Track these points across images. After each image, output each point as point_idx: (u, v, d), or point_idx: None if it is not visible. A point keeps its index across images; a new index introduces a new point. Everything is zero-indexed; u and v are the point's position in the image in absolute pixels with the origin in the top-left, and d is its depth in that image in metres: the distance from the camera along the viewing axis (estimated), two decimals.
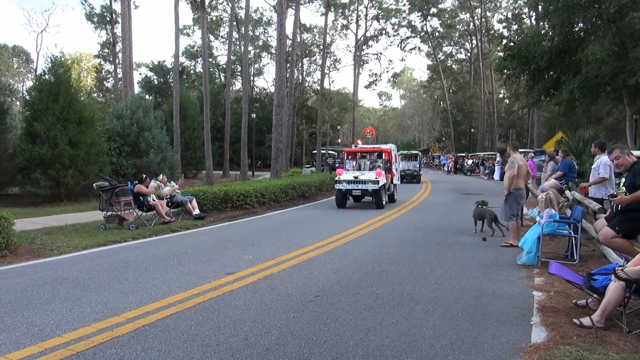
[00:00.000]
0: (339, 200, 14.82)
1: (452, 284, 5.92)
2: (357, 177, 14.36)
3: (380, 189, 14.24)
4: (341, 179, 14.59)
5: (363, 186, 14.24)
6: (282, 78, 23.76)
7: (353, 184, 14.33)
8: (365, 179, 14.28)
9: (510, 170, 8.41)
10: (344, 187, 14.44)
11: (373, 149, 17.00)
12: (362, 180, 14.26)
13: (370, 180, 14.15)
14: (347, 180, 14.45)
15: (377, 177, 14.18)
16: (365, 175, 14.59)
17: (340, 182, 14.57)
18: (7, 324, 4.42)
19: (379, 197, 14.34)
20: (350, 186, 14.37)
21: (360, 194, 14.62)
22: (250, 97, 45.10)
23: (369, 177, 14.30)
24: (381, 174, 14.42)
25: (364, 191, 14.40)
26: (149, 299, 5.18)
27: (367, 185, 14.15)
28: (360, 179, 14.28)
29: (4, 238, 7.44)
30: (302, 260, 7.32)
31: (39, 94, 16.31)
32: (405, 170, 27.90)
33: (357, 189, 14.34)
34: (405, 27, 58.56)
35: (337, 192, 14.81)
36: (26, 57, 67.34)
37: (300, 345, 3.92)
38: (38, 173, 15.26)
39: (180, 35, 34.73)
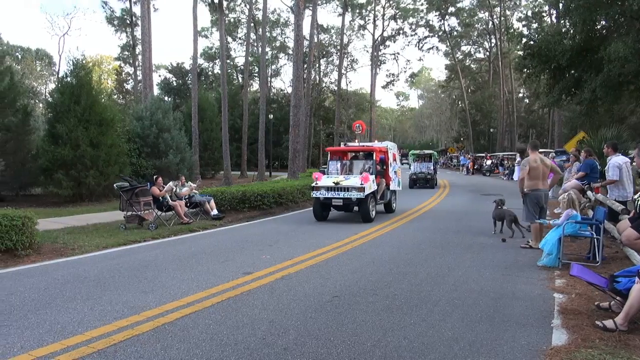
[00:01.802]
0: (317, 212, 11.94)
1: (470, 285, 5.86)
2: (339, 182, 11.49)
3: (368, 198, 11.40)
4: (319, 185, 11.67)
5: (345, 194, 11.34)
6: (299, 79, 23.84)
7: (333, 191, 11.45)
8: (348, 185, 11.40)
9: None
10: (322, 195, 11.58)
11: (360, 148, 13.59)
12: (344, 187, 11.39)
13: (354, 186, 11.29)
14: (326, 187, 11.58)
15: (362, 183, 11.28)
16: (348, 180, 11.65)
17: (318, 189, 11.68)
18: (31, 321, 4.52)
19: (365, 208, 11.43)
20: (329, 194, 11.49)
21: (341, 203, 11.61)
22: (268, 98, 45.32)
23: (353, 183, 11.40)
24: (368, 179, 11.43)
25: (346, 200, 11.45)
26: (168, 298, 5.24)
27: (351, 193, 11.27)
28: (342, 186, 11.42)
29: (28, 237, 7.61)
30: (319, 260, 7.33)
31: (61, 96, 16.64)
32: (417, 173, 24.50)
33: (337, 197, 11.43)
34: (422, 26, 58.26)
35: (314, 202, 12.04)
36: (49, 60, 68.78)
37: (318, 346, 3.92)
38: (60, 174, 15.56)
39: (199, 37, 35.04)
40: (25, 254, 7.48)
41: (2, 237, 7.13)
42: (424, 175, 24.21)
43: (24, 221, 7.54)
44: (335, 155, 13.68)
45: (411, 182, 24.01)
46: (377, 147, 13.18)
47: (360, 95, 64.37)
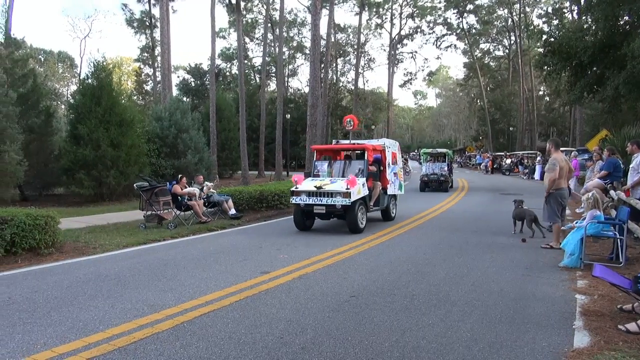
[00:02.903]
0: (298, 221, 10.32)
1: (490, 285, 5.79)
2: (321, 187, 9.87)
3: (356, 205, 9.73)
4: (299, 190, 10.07)
5: (329, 200, 9.71)
6: (316, 78, 23.87)
7: (315, 196, 9.84)
8: (331, 189, 9.74)
9: (551, 172, 8.07)
10: (303, 201, 9.96)
11: (349, 146, 11.81)
12: (327, 192, 9.75)
13: (339, 191, 9.61)
14: (307, 192, 9.95)
15: (348, 188, 9.61)
16: (333, 184, 9.94)
17: (297, 194, 10.05)
18: (54, 318, 4.61)
19: (352, 217, 9.73)
20: (310, 200, 9.87)
21: (324, 211, 9.89)
22: (285, 98, 45.46)
23: (337, 188, 9.71)
24: (355, 183, 9.70)
25: (330, 208, 9.76)
26: (187, 297, 5.30)
27: (335, 199, 9.63)
28: (325, 190, 9.77)
29: (51, 236, 7.76)
30: (337, 260, 7.32)
31: (82, 98, 16.95)
32: (429, 174, 21.66)
33: (319, 204, 9.79)
34: (440, 24, 57.88)
35: (294, 209, 10.43)
36: (70, 62, 70.08)
37: (336, 345, 3.92)
38: (82, 174, 15.84)
39: (216, 38, 35.33)
40: (48, 253, 7.63)
41: (26, 236, 7.29)
42: (436, 177, 21.48)
43: (47, 220, 7.69)
44: (323, 154, 12.12)
45: (422, 184, 21.66)
46: (369, 145, 11.14)
47: (377, 94, 64.21)
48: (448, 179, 21.68)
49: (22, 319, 4.60)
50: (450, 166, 23.81)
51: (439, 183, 21.30)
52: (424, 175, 21.79)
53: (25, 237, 7.28)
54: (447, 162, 23.08)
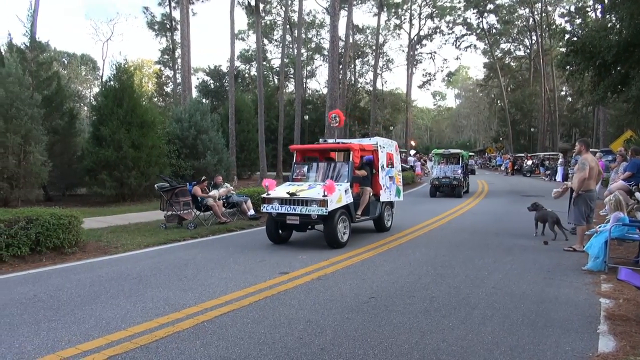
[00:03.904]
0: (270, 232, 8.94)
1: (511, 288, 5.71)
2: (294, 193, 8.44)
3: (335, 215, 8.26)
4: (271, 197, 8.69)
5: (303, 209, 8.25)
6: (334, 80, 23.86)
7: (288, 205, 8.42)
8: (306, 197, 8.30)
9: (581, 172, 7.87)
10: (275, 209, 8.55)
11: (334, 146, 10.21)
12: (301, 200, 8.31)
13: (314, 199, 8.16)
14: (279, 199, 8.55)
15: (325, 194, 8.10)
16: (309, 190, 8.54)
17: (269, 202, 8.66)
18: (78, 316, 4.69)
19: (331, 230, 8.24)
20: (283, 208, 8.44)
21: (298, 222, 8.46)
22: (303, 99, 45.56)
23: (312, 195, 8.28)
24: (333, 189, 8.18)
25: (304, 218, 8.33)
26: (207, 296, 5.34)
27: (310, 207, 8.18)
28: (300, 198, 8.33)
29: (74, 236, 7.91)
30: (355, 261, 7.31)
31: (104, 100, 17.22)
32: (440, 178, 19.51)
33: (293, 213, 8.36)
34: (460, 24, 57.34)
35: (267, 218, 9.08)
36: (93, 65, 71.40)
37: (355, 347, 3.91)
38: (104, 174, 16.09)
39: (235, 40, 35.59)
40: (71, 252, 7.77)
41: (50, 235, 7.44)
42: (448, 181, 19.26)
43: (71, 220, 7.83)
44: (304, 155, 10.57)
45: (432, 189, 19.66)
46: (355, 144, 9.44)
47: (396, 95, 63.86)
48: (462, 183, 19.40)
49: (47, 316, 4.69)
50: (465, 169, 21.63)
51: (451, 187, 19.24)
52: (435, 178, 19.82)
53: (49, 236, 7.43)
54: (461, 164, 20.85)
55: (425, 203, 17.12)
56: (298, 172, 9.72)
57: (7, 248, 6.91)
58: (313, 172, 9.59)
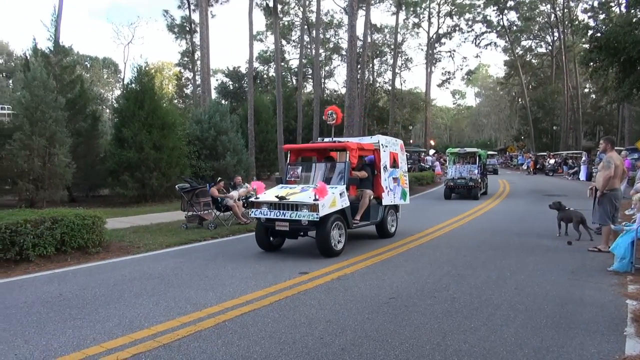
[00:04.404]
0: (260, 238, 8.26)
1: (534, 289, 5.62)
2: (284, 197, 7.72)
3: (328, 221, 7.51)
4: (260, 200, 8.02)
5: (293, 214, 7.57)
6: (352, 79, 23.82)
7: (277, 209, 7.73)
8: (296, 201, 7.60)
9: (606, 170, 7.71)
10: (264, 214, 7.87)
11: (330, 145, 9.17)
12: (291, 205, 7.62)
13: (305, 203, 7.47)
14: (268, 203, 7.89)
15: (316, 198, 7.40)
16: (300, 194, 7.79)
17: (258, 206, 8.01)
18: (102, 315, 4.78)
19: (323, 237, 7.52)
20: (272, 214, 7.76)
21: (288, 228, 7.73)
22: (321, 99, 45.58)
23: (303, 199, 7.57)
24: (325, 192, 7.49)
25: (294, 224, 7.62)
26: (228, 296, 5.39)
27: (301, 212, 7.49)
28: (290, 202, 7.63)
29: (98, 236, 8.06)
30: (375, 261, 7.29)
31: (126, 102, 17.50)
32: (455, 178, 18.35)
33: (282, 219, 7.67)
34: (480, 22, 56.59)
35: (257, 224, 8.40)
36: (114, 68, 72.65)
37: (376, 347, 3.89)
38: (126, 175, 16.34)
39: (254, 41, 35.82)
40: (95, 252, 7.91)
41: (75, 235, 7.59)
42: (464, 182, 18.10)
43: (94, 220, 7.98)
44: (299, 156, 9.83)
45: (447, 190, 18.65)
46: (352, 143, 8.64)
47: (414, 94, 63.42)
48: (478, 184, 18.20)
49: (72, 314, 4.79)
50: (483, 169, 20.35)
51: (467, 189, 18.08)
52: (450, 179, 18.71)
53: (74, 236, 7.59)
54: (478, 163, 19.30)
55: (444, 203, 16.98)
56: (292, 173, 8.99)
57: (34, 248, 7.07)
58: (308, 173, 8.86)
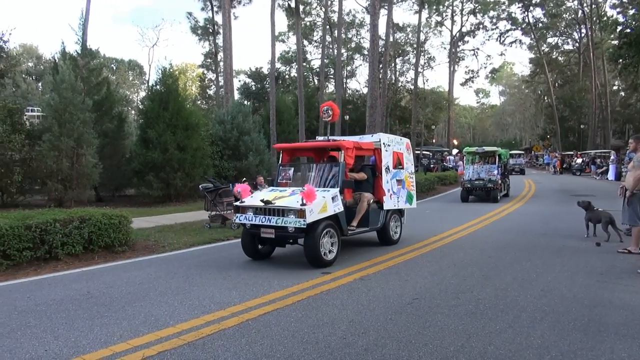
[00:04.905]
0: (246, 245, 7.57)
1: (561, 291, 5.51)
2: (269, 201, 7.02)
3: (317, 229, 6.78)
4: (245, 205, 7.36)
5: (279, 220, 6.81)
6: (375, 79, 23.71)
7: (262, 214, 7.05)
8: (282, 205, 6.88)
9: (636, 170, 7.48)
10: (249, 220, 7.16)
11: (323, 144, 8.29)
12: (277, 210, 6.91)
13: (291, 208, 6.75)
14: (253, 208, 7.21)
15: (303, 204, 6.67)
16: (287, 198, 7.07)
17: (243, 211, 7.35)
18: (128, 313, 4.87)
19: (311, 246, 6.77)
20: (257, 219, 7.05)
21: (273, 235, 6.98)
22: (343, 99, 45.54)
23: (289, 203, 6.85)
24: (312, 196, 6.77)
25: (280, 231, 6.85)
26: (251, 295, 5.42)
27: (287, 219, 6.74)
28: (276, 207, 6.92)
29: (124, 235, 8.21)
30: (398, 262, 7.24)
31: (151, 103, 17.79)
32: (473, 180, 17.22)
33: (268, 225, 6.95)
34: (504, 19, 55.70)
35: (243, 231, 7.67)
36: (139, 70, 74.03)
37: (399, 348, 3.87)
38: (151, 176, 16.61)
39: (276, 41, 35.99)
40: (121, 251, 8.07)
41: (102, 234, 7.76)
42: (482, 183, 16.94)
43: (121, 220, 8.14)
44: (293, 156, 8.99)
45: (463, 192, 17.52)
46: (348, 142, 7.80)
47: (437, 93, 62.81)
48: (498, 185, 16.97)
49: (100, 312, 4.89)
50: (504, 169, 19.00)
51: (485, 191, 16.95)
52: (467, 181, 17.44)
53: (101, 235, 7.75)
54: (498, 163, 17.86)
55: (467, 204, 16.77)
56: (283, 175, 8.31)
57: (62, 246, 7.24)
58: (301, 175, 8.23)
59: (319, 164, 8.37)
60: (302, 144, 9.18)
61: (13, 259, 6.74)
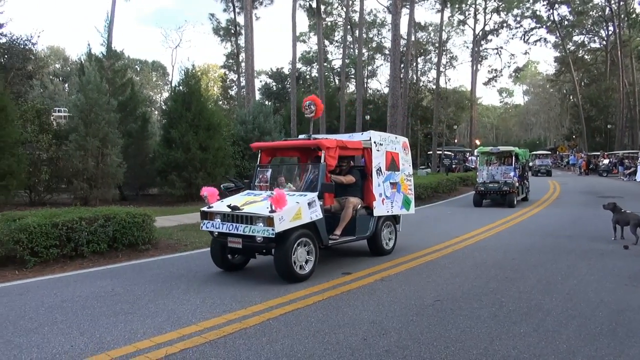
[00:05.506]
0: (214, 254, 6.82)
1: (588, 295, 5.39)
2: (237, 207, 6.17)
3: (288, 239, 5.96)
4: (212, 211, 6.52)
5: (246, 229, 6.00)
6: (396, 78, 23.59)
7: (230, 222, 6.23)
8: (250, 212, 6.05)
9: None
10: (217, 227, 6.37)
11: (302, 143, 7.75)
12: (245, 217, 6.08)
13: (260, 215, 5.90)
14: (221, 214, 6.40)
15: (272, 210, 5.79)
16: (257, 204, 6.27)
17: (210, 217, 6.53)
18: (151, 310, 4.93)
19: (282, 258, 5.95)
20: (224, 227, 6.25)
21: (240, 245, 6.18)
22: (364, 99, 45.41)
23: (258, 210, 6.02)
24: (282, 202, 5.86)
25: (248, 240, 6.05)
26: (272, 295, 5.44)
27: (255, 227, 5.90)
28: (243, 214, 6.10)
29: (147, 233, 8.33)
30: (419, 263, 7.18)
31: (174, 104, 17.99)
32: (487, 182, 15.86)
33: (235, 234, 6.16)
34: (528, 17, 54.78)
35: (212, 239, 6.84)
36: (163, 71, 75.11)
37: (421, 350, 3.84)
38: (174, 175, 16.80)
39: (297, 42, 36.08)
40: (145, 249, 8.18)
41: (126, 232, 7.88)
42: (497, 187, 15.48)
43: (144, 218, 8.25)
44: (273, 156, 8.14)
45: (476, 196, 16.07)
46: (330, 140, 6.95)
47: (459, 93, 62.10)
48: (515, 188, 15.46)
49: (124, 309, 4.97)
50: (522, 170, 17.40)
51: (501, 194, 15.49)
52: (480, 183, 16.07)
53: (125, 233, 7.88)
54: (515, 165, 16.30)
55: (490, 205, 16.54)
56: (260, 177, 7.56)
57: (88, 244, 7.38)
58: (280, 177, 7.47)
59: (298, 165, 7.90)
60: (282, 142, 8.24)
61: (40, 256, 6.90)
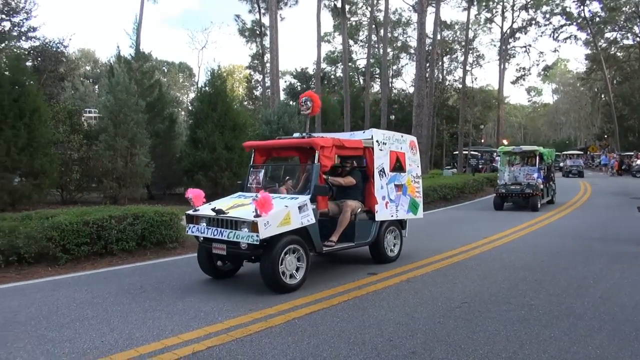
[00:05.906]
0: (201, 260, 6.31)
1: (621, 299, 5.23)
2: (222, 210, 5.80)
3: (275, 246, 5.49)
4: (198, 214, 6.09)
5: (231, 234, 5.53)
6: (421, 78, 23.38)
7: (215, 226, 5.77)
8: (235, 217, 5.59)
9: None
10: (202, 232, 5.94)
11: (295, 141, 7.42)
12: (229, 221, 5.62)
13: (245, 220, 5.44)
14: (206, 218, 5.94)
15: (257, 215, 5.32)
16: (244, 208, 5.80)
17: (196, 221, 6.08)
18: (179, 307, 5.00)
19: (268, 267, 5.48)
20: (209, 232, 5.81)
21: (224, 252, 5.75)
22: (389, 99, 45.13)
23: (243, 215, 5.55)
24: (268, 206, 5.33)
25: (233, 247, 5.61)
26: (298, 294, 5.45)
27: (240, 232, 5.43)
28: (228, 218, 5.64)
29: (175, 232, 8.46)
30: (445, 264, 7.09)
31: (200, 104, 18.22)
32: (509, 185, 14.95)
33: (219, 239, 5.70)
34: (558, 14, 53.50)
35: (198, 244, 6.41)
36: (189, 72, 76.12)
37: (448, 352, 3.78)
38: (200, 175, 17.00)
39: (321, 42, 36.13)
40: (172, 247, 8.32)
41: (154, 231, 8.02)
42: (519, 189, 14.59)
43: (172, 217, 8.39)
44: (267, 156, 7.63)
45: (497, 199, 15.13)
46: (326, 139, 6.50)
47: (486, 92, 61.09)
48: (539, 191, 14.55)
49: (152, 306, 5.05)
50: (547, 171, 16.52)
51: (523, 197, 14.61)
52: (501, 185, 15.16)
53: (153, 232, 8.02)
54: (539, 165, 15.40)
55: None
56: (253, 178, 7.20)
57: (117, 242, 7.54)
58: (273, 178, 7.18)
59: (297, 166, 7.35)
60: (276, 141, 7.64)
61: (72, 253, 7.08)
